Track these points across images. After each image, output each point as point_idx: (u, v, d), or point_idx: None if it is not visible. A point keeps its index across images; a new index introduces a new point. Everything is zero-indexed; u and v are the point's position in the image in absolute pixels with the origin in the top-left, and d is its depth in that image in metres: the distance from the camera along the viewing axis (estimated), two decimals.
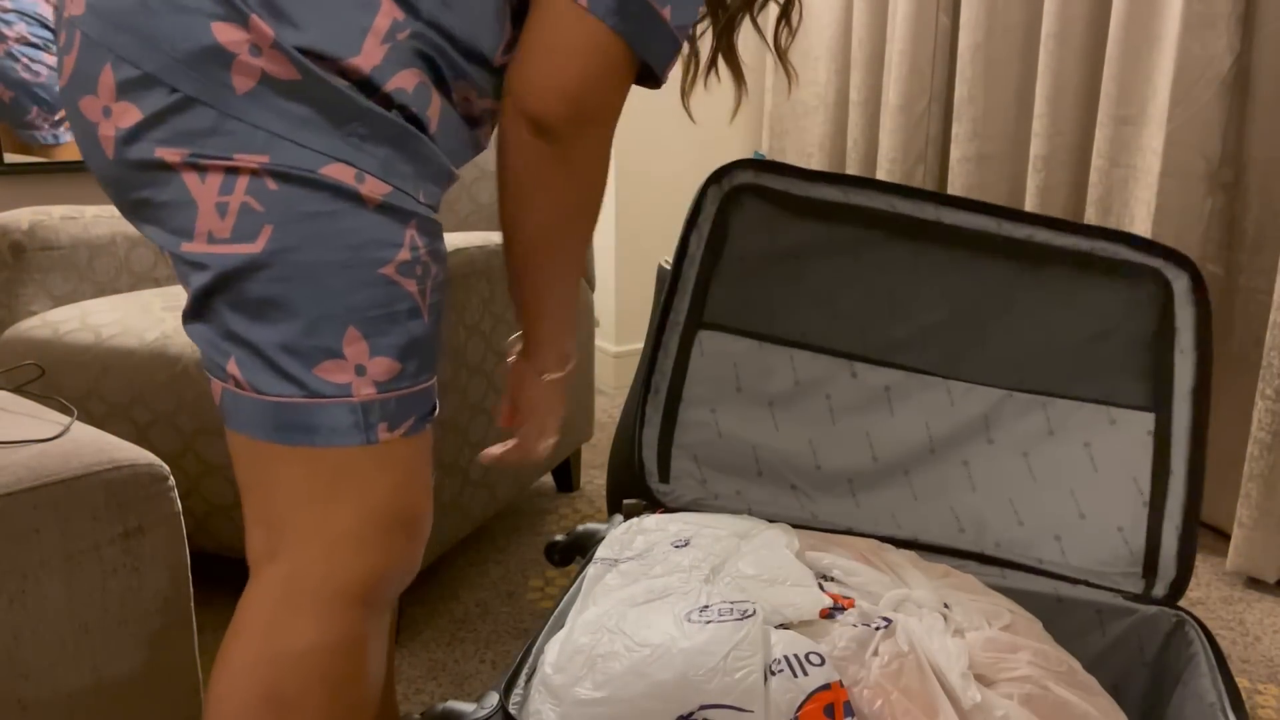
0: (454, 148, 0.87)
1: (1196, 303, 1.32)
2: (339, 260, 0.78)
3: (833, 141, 2.72)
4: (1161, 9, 1.90)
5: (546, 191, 0.87)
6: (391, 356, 0.82)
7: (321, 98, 0.78)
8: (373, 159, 0.79)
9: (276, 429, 0.81)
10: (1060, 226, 1.36)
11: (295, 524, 0.83)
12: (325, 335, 0.79)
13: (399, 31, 0.79)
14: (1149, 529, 1.34)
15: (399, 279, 0.81)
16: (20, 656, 0.99)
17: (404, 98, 0.81)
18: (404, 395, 0.83)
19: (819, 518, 1.39)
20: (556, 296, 0.96)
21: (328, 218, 0.78)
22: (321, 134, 0.78)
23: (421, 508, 0.88)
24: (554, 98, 0.82)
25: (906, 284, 1.40)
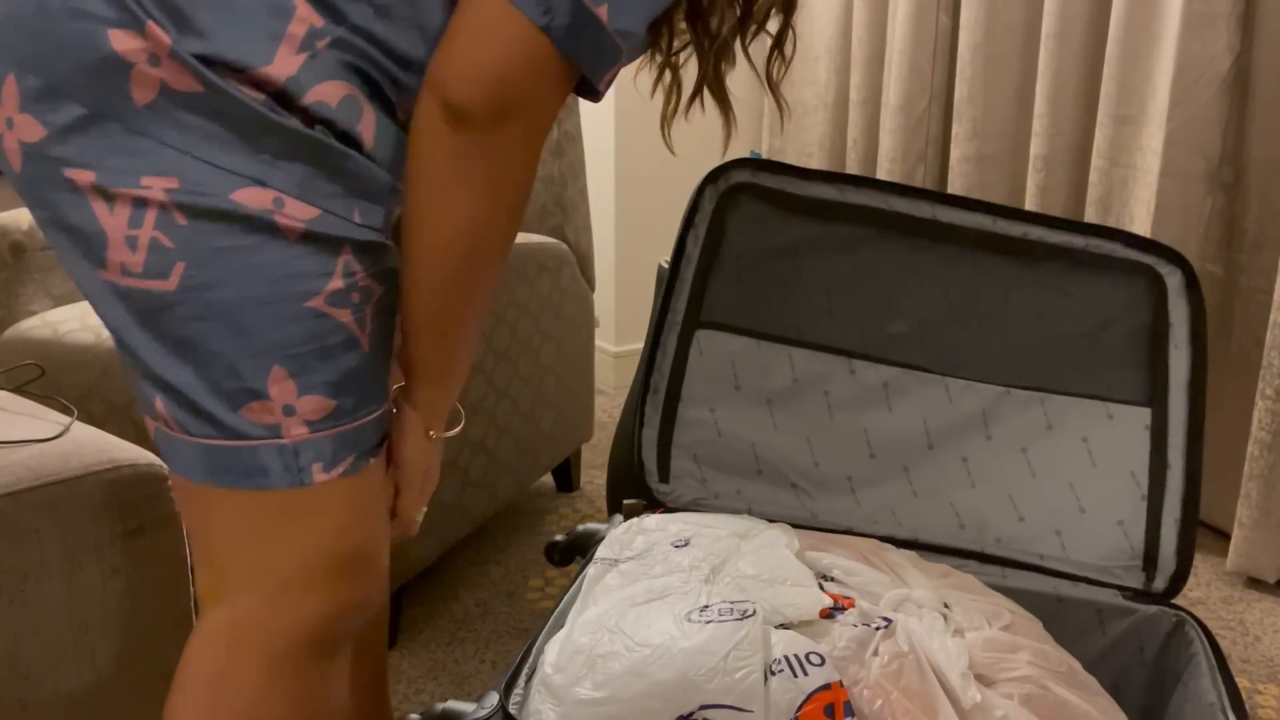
0: (397, 163, 0.80)
1: (1190, 298, 1.33)
2: (258, 296, 0.74)
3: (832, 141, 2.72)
4: (1161, 9, 1.90)
5: (459, 189, 0.78)
6: (323, 394, 0.77)
7: (225, 111, 0.72)
8: (288, 178, 0.74)
9: (209, 471, 0.77)
10: (1055, 224, 1.37)
11: (236, 568, 0.80)
12: (248, 376, 0.75)
13: (318, 39, 0.74)
14: (1148, 523, 1.34)
15: (329, 310, 0.76)
16: (20, 656, 0.99)
17: (326, 111, 0.75)
18: (340, 433, 0.78)
19: (819, 516, 1.39)
20: (463, 330, 0.85)
21: (243, 252, 0.73)
22: (229, 151, 0.72)
23: (371, 547, 0.83)
24: (472, 84, 0.74)
25: (903, 282, 1.41)
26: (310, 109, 0.74)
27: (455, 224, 0.79)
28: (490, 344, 1.67)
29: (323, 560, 0.80)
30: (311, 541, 0.80)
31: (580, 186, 2.02)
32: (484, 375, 1.67)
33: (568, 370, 1.96)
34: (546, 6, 0.72)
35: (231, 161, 0.72)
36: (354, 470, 0.80)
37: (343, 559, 0.81)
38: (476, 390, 1.66)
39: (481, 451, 1.70)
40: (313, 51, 0.74)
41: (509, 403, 1.76)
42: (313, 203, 0.74)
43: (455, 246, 0.79)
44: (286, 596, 0.80)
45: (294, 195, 0.74)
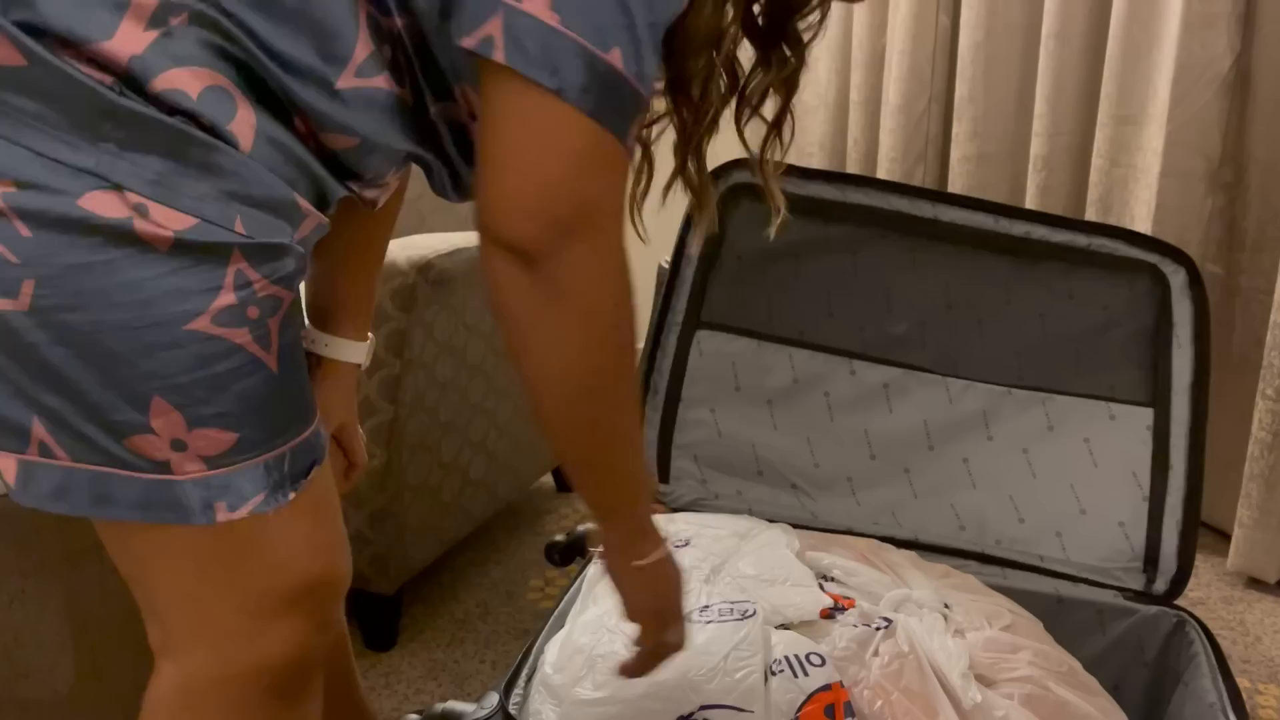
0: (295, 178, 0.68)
1: (1193, 297, 1.33)
2: (122, 320, 0.62)
3: (833, 141, 2.71)
4: (1161, 9, 1.90)
5: (551, 331, 0.66)
6: (220, 427, 0.66)
7: (56, 90, 0.60)
8: (138, 173, 0.62)
9: (94, 500, 0.67)
10: (1057, 223, 1.37)
11: (177, 619, 0.73)
12: (125, 408, 0.64)
13: (172, 14, 0.62)
14: (1149, 524, 1.34)
15: (219, 331, 0.64)
16: (20, 656, 0.99)
17: (184, 102, 0.62)
18: (245, 468, 0.68)
19: (819, 517, 1.39)
20: (615, 460, 0.75)
21: (101, 270, 0.62)
22: (63, 139, 0.61)
23: (316, 575, 0.75)
24: (520, 213, 0.63)
25: (904, 281, 1.41)
26: (162, 97, 0.62)
27: (560, 367, 0.68)
28: (490, 344, 1.67)
29: (266, 602, 0.73)
30: (249, 583, 0.72)
31: None
32: (484, 376, 1.67)
33: None
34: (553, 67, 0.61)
35: (67, 153, 0.61)
36: (266, 507, 0.69)
37: (291, 596, 0.73)
38: (476, 390, 1.66)
39: (481, 451, 1.70)
40: (165, 28, 0.62)
41: (509, 403, 1.76)
42: (177, 206, 0.62)
43: (567, 389, 0.69)
44: (232, 647, 0.73)
45: (152, 197, 0.62)
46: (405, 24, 0.68)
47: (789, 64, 0.81)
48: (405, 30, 0.68)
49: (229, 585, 0.72)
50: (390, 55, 0.69)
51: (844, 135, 2.69)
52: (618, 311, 0.68)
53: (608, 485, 0.76)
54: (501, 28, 0.61)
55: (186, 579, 0.72)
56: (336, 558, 0.78)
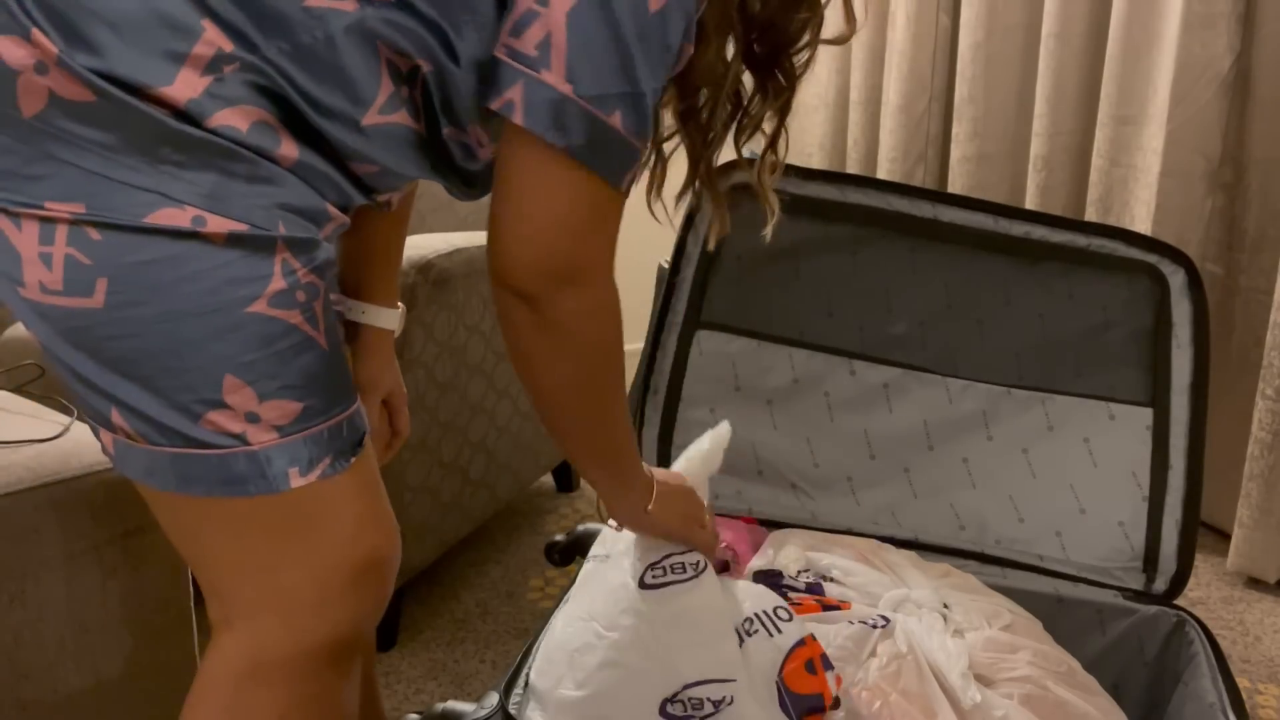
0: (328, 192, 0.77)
1: (1193, 298, 1.33)
2: (192, 309, 0.70)
3: (833, 141, 2.71)
4: (1161, 9, 1.90)
5: (546, 358, 0.80)
6: (287, 398, 0.74)
7: (119, 120, 0.68)
8: (194, 190, 0.69)
9: (181, 480, 0.74)
10: (1056, 223, 1.37)
11: (243, 593, 0.79)
12: (200, 388, 0.71)
13: (225, 64, 0.70)
14: (1149, 524, 1.34)
15: (276, 313, 0.72)
16: (20, 656, 0.99)
17: (236, 135, 0.70)
18: (313, 434, 0.75)
19: (819, 516, 1.39)
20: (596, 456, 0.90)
21: (168, 264, 0.69)
22: (131, 166, 0.68)
23: (381, 550, 0.82)
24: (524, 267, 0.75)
25: (904, 281, 1.41)
26: (218, 131, 0.70)
27: (555, 383, 0.82)
28: (490, 344, 1.67)
29: (333, 574, 0.78)
30: (318, 556, 0.78)
31: None
32: (484, 375, 1.67)
33: None
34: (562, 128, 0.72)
35: (131, 175, 0.68)
36: (333, 471, 0.77)
37: (359, 568, 0.79)
38: (476, 390, 1.66)
39: (481, 451, 1.70)
40: (219, 75, 0.70)
41: (509, 403, 1.76)
42: (229, 214, 0.70)
43: (561, 399, 0.83)
44: (301, 618, 0.78)
45: (208, 209, 0.70)
46: (430, 70, 0.76)
47: (784, 91, 0.93)
48: (430, 75, 0.76)
49: (299, 558, 0.78)
50: (408, 94, 0.77)
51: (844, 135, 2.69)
52: (605, 338, 0.82)
53: (611, 468, 0.92)
54: (521, 94, 0.72)
55: (256, 553, 0.77)
56: (392, 534, 0.84)
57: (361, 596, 0.81)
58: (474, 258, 1.61)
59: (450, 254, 1.55)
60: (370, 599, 0.82)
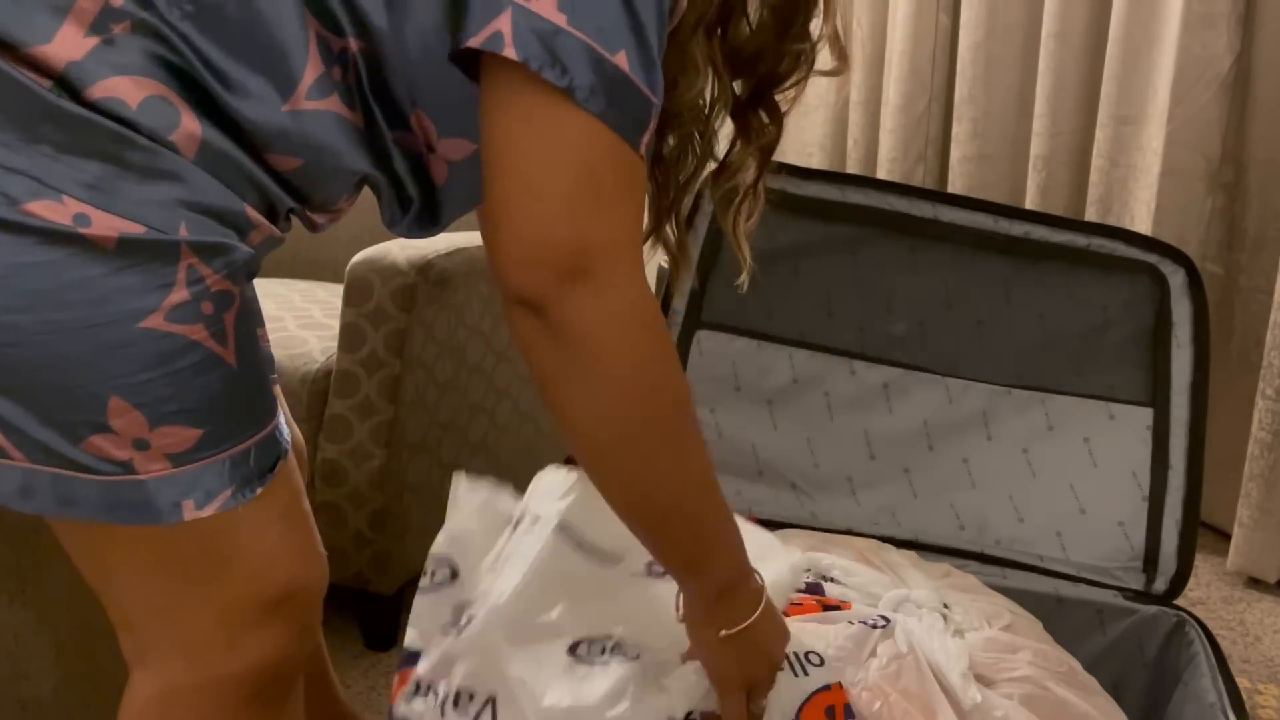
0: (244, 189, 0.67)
1: (1193, 297, 1.33)
2: (74, 321, 0.61)
3: (833, 141, 2.71)
4: (1161, 9, 1.89)
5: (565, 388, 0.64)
6: (183, 424, 0.64)
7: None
8: (75, 177, 0.60)
9: (59, 502, 0.65)
10: (1056, 223, 1.37)
11: (151, 628, 0.72)
12: (82, 409, 0.62)
13: (114, 21, 0.60)
14: (1149, 524, 1.34)
15: (175, 328, 0.63)
16: (20, 656, 0.99)
17: (123, 110, 0.61)
18: (211, 463, 0.66)
19: (819, 517, 1.39)
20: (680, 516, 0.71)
21: (46, 269, 0.59)
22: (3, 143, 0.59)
23: (296, 581, 0.73)
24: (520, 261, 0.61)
25: (904, 282, 1.41)
26: (99, 104, 0.60)
27: (589, 419, 0.65)
28: (490, 344, 1.67)
29: (243, 610, 0.71)
30: (223, 592, 0.70)
31: None
32: (484, 375, 1.67)
33: None
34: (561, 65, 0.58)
35: (2, 154, 0.59)
36: (234, 503, 0.68)
37: (270, 603, 0.71)
38: (476, 390, 1.66)
39: (481, 451, 1.70)
40: (107, 35, 0.60)
41: (509, 403, 1.76)
42: (117, 211, 0.60)
43: (601, 441, 0.66)
44: (210, 656, 0.71)
45: (92, 204, 0.60)
46: (360, 47, 0.66)
47: (768, 133, 0.81)
48: (360, 53, 0.66)
49: (203, 594, 0.70)
50: (340, 77, 0.67)
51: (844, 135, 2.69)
52: (639, 357, 0.64)
53: (674, 540, 0.71)
54: (510, 24, 0.59)
55: (158, 589, 0.70)
56: (311, 563, 0.75)
57: (277, 631, 0.73)
58: (474, 258, 1.61)
59: (450, 254, 1.55)
60: (287, 633, 0.73)
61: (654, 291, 1.61)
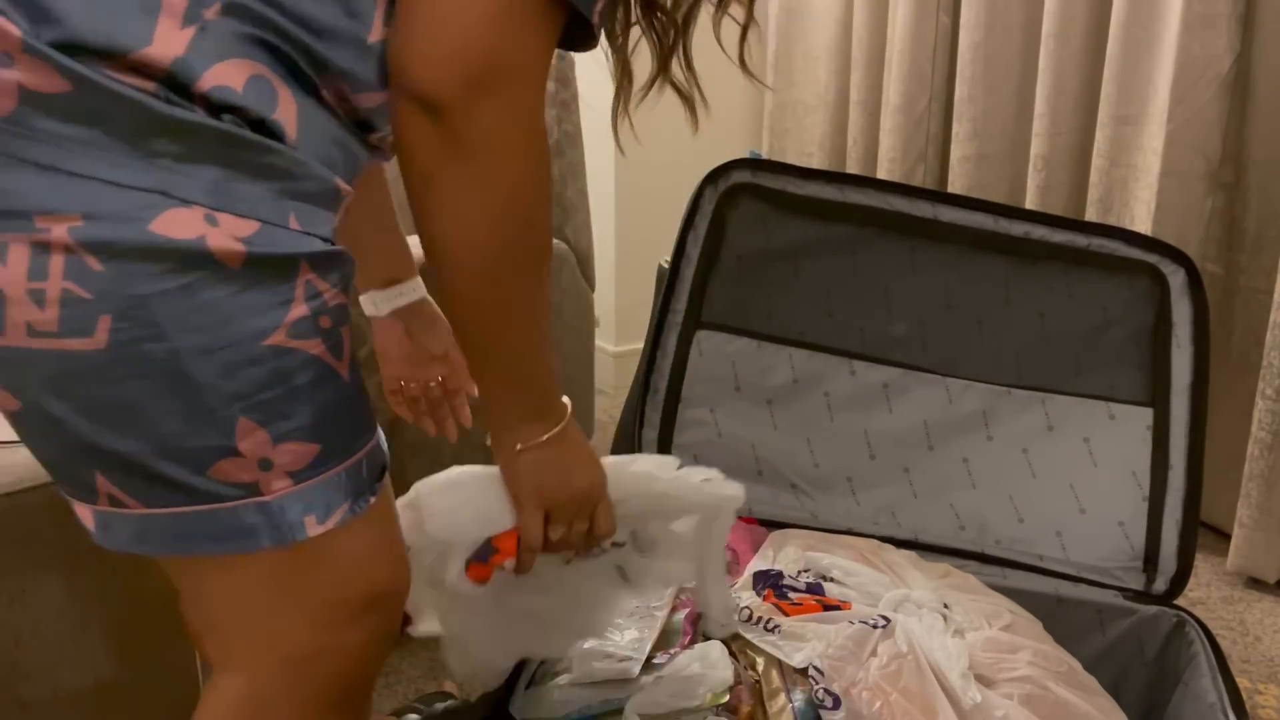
0: (335, 158, 0.68)
1: (1193, 297, 1.33)
2: (202, 344, 0.62)
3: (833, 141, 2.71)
4: (1161, 9, 1.89)
5: (457, 195, 0.66)
6: (303, 440, 0.66)
7: (102, 112, 0.58)
8: (196, 185, 0.60)
9: (178, 541, 0.66)
10: (1056, 223, 1.37)
11: (242, 637, 0.72)
12: (210, 434, 0.63)
13: (204, 6, 0.60)
14: (1149, 524, 1.34)
15: (295, 344, 0.64)
16: (20, 656, 0.99)
17: (232, 98, 0.61)
18: (330, 478, 0.68)
19: (819, 517, 1.39)
20: (509, 342, 0.74)
21: (177, 295, 0.60)
22: (122, 164, 0.59)
23: (386, 584, 0.75)
24: (433, 63, 0.62)
25: (904, 281, 1.41)
26: (210, 95, 0.61)
27: (463, 235, 0.68)
28: None
29: (337, 614, 0.72)
30: (320, 596, 0.71)
31: (580, 187, 2.02)
32: None
33: (568, 370, 1.95)
34: None
35: (126, 175, 0.59)
36: (352, 515, 0.70)
37: (357, 607, 0.73)
38: None
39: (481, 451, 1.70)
40: (201, 23, 0.60)
41: None
42: (235, 211, 0.61)
43: (470, 259, 0.69)
44: (302, 664, 0.73)
45: (215, 206, 0.61)
46: None
47: None
48: None
49: (301, 599, 0.71)
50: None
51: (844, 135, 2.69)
52: (529, 180, 0.67)
53: (499, 361, 0.75)
54: None
55: (257, 595, 0.71)
56: (399, 567, 0.77)
57: (361, 635, 0.74)
58: None
59: None
60: (373, 636, 0.75)
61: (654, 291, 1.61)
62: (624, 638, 1.03)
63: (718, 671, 0.99)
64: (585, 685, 0.99)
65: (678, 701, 0.96)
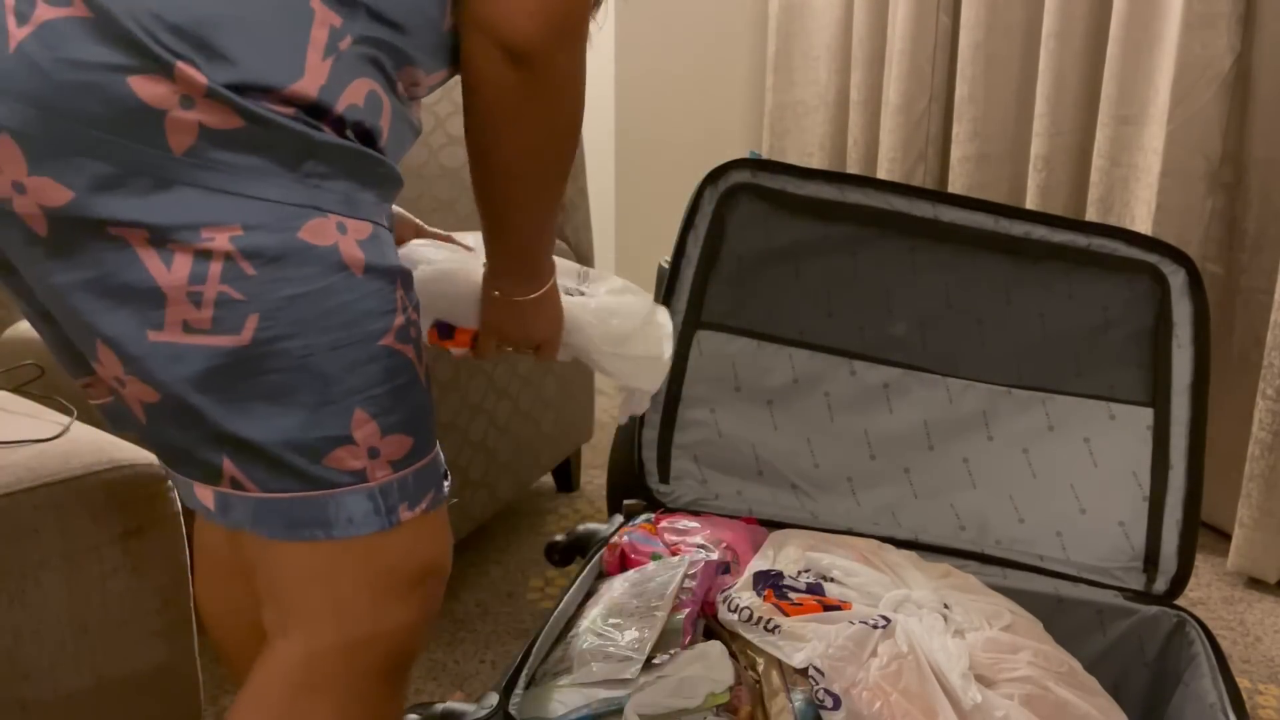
0: (399, 147, 0.79)
1: (1193, 297, 1.33)
2: (334, 341, 0.71)
3: (833, 141, 2.72)
4: (1161, 9, 1.90)
5: (525, 122, 0.78)
6: (403, 432, 0.76)
7: (269, 142, 0.68)
8: (334, 198, 0.71)
9: (288, 526, 0.74)
10: (1057, 223, 1.37)
11: (305, 603, 0.79)
12: (331, 424, 0.72)
13: (340, 39, 0.70)
14: (1149, 524, 1.34)
15: (399, 347, 0.75)
16: (20, 656, 0.99)
17: (357, 114, 0.72)
18: (420, 469, 0.78)
19: (819, 517, 1.39)
20: (532, 218, 0.86)
21: (317, 297, 0.70)
22: (281, 184, 0.69)
23: (436, 560, 0.84)
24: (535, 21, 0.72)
25: (904, 281, 1.41)
26: (344, 116, 0.71)
27: (531, 152, 0.80)
28: None
29: (393, 584, 0.80)
30: (385, 575, 0.79)
31: (580, 186, 2.02)
32: (484, 375, 1.67)
33: (568, 370, 1.96)
34: None
35: (284, 193, 0.69)
36: (434, 505, 0.79)
37: (409, 579, 0.81)
38: (476, 390, 1.66)
39: (481, 451, 1.70)
40: (337, 54, 0.70)
41: (509, 403, 1.76)
42: (360, 215, 0.72)
43: (532, 168, 0.81)
44: (358, 624, 0.79)
45: (344, 214, 0.71)
46: None
47: None
48: None
49: (368, 577, 0.79)
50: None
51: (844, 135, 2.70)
52: (580, 101, 0.80)
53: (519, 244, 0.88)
54: None
55: (329, 572, 0.78)
56: (448, 548, 0.85)
57: (412, 606, 0.82)
58: None
59: None
60: (421, 608, 0.82)
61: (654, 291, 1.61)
62: (624, 638, 1.03)
63: (718, 671, 0.99)
64: (585, 685, 0.98)
65: (678, 701, 0.96)
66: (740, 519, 1.33)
